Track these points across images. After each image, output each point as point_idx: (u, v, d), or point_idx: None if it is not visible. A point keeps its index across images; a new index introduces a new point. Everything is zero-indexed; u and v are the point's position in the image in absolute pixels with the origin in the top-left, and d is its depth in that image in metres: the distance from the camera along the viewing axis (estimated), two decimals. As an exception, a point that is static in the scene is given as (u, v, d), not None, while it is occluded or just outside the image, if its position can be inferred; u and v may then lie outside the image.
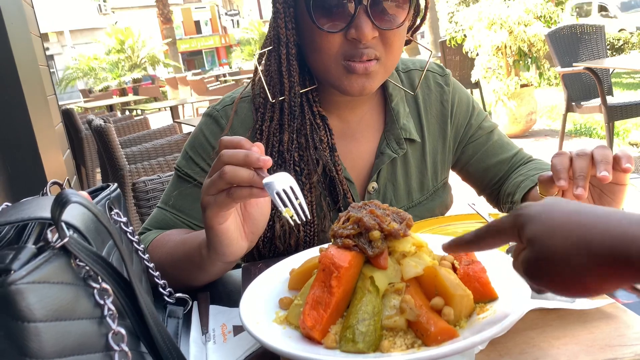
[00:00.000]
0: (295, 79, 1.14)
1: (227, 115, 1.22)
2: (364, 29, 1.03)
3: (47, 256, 0.50)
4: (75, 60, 26.05)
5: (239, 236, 0.93)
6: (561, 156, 0.92)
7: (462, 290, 0.68)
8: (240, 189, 0.83)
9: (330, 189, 1.20)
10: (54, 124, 2.59)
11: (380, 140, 1.26)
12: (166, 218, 1.19)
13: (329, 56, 1.08)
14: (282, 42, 1.13)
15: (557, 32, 5.24)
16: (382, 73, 1.12)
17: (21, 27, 2.26)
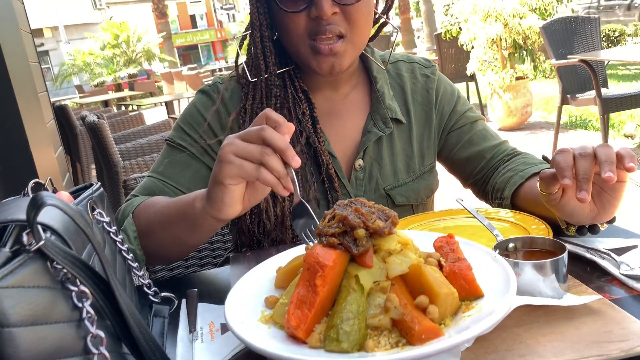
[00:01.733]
0: (270, 59, 1.22)
1: (219, 90, 1.29)
2: (323, 6, 1.09)
3: (22, 260, 0.49)
4: (70, 55, 25.92)
5: (239, 200, 0.95)
6: (565, 154, 0.91)
7: (447, 288, 0.67)
8: (269, 174, 0.86)
9: (314, 160, 1.24)
10: (45, 120, 2.57)
11: (367, 119, 1.30)
12: (154, 185, 1.22)
13: (296, 36, 1.15)
14: (255, 26, 1.21)
15: (551, 24, 5.23)
16: (351, 50, 1.17)
17: (10, 24, 2.24)
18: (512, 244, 0.87)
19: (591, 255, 0.94)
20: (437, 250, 0.78)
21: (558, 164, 0.91)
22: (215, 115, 1.27)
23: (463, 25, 6.91)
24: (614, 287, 0.86)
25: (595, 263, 0.92)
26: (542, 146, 5.80)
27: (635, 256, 0.92)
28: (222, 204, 0.93)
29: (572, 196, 0.93)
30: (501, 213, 1.15)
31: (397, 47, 20.09)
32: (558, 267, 0.79)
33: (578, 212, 0.96)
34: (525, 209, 1.16)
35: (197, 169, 1.23)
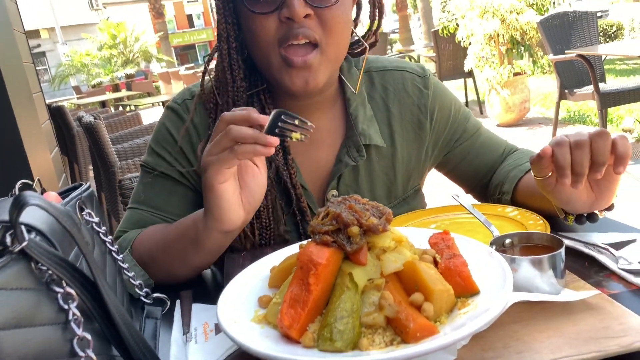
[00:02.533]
0: (238, 75, 1.12)
1: (188, 108, 1.20)
2: (295, 6, 1.00)
3: (5, 261, 0.48)
4: (68, 56, 25.89)
5: (237, 202, 0.92)
6: (562, 147, 0.89)
7: (442, 285, 0.66)
8: (243, 145, 0.84)
9: (285, 193, 1.17)
10: (40, 121, 2.56)
11: (341, 147, 1.21)
12: (142, 217, 1.16)
13: (266, 43, 1.05)
14: (222, 37, 1.12)
15: (549, 19, 5.22)
16: (326, 63, 1.08)
17: (3, 25, 2.23)
18: (508, 240, 0.86)
19: (589, 250, 0.93)
20: (432, 247, 0.77)
21: (557, 161, 0.89)
22: (186, 136, 1.18)
23: (460, 21, 6.90)
24: (612, 282, 0.85)
25: (593, 258, 0.91)
26: (541, 141, 5.78)
27: (633, 250, 0.91)
28: (220, 210, 0.91)
29: (568, 181, 0.92)
30: (498, 209, 1.14)
31: (395, 44, 20.07)
32: (555, 262, 0.78)
33: (575, 198, 0.95)
34: (524, 203, 1.14)
35: (183, 194, 1.18)
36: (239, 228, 0.98)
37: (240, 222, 0.95)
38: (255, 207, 0.97)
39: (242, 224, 0.97)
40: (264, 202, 1.14)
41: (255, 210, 0.98)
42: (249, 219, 0.98)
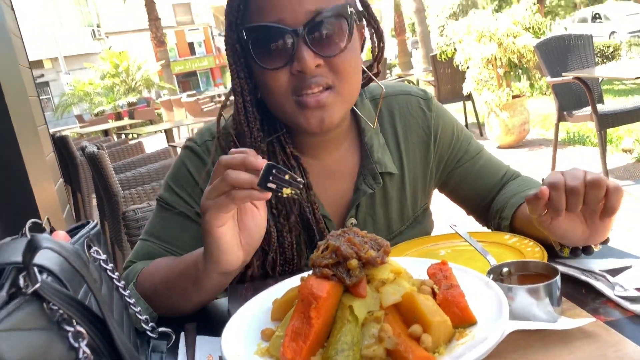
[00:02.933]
0: (254, 125, 1.15)
1: (208, 150, 1.22)
2: (306, 59, 1.04)
3: (19, 303, 0.50)
4: (70, 86, 26.17)
5: (235, 244, 0.94)
6: (557, 192, 0.92)
7: (440, 317, 0.68)
8: (240, 191, 0.86)
9: (308, 227, 1.19)
10: (44, 154, 2.60)
11: (357, 176, 1.25)
12: (151, 249, 1.19)
13: (280, 95, 1.09)
14: (237, 92, 1.15)
15: (545, 42, 5.29)
16: (340, 102, 1.11)
17: (9, 60, 2.28)
18: (505, 269, 0.88)
19: (586, 277, 0.94)
20: (430, 278, 0.79)
21: (552, 204, 0.93)
22: (207, 178, 1.18)
23: (458, 45, 6.99)
24: (609, 308, 0.86)
25: (590, 285, 0.93)
26: (542, 163, 5.82)
27: (629, 277, 0.93)
28: (219, 252, 0.92)
29: (563, 219, 0.94)
30: (496, 236, 1.15)
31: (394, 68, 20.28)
32: (551, 290, 0.80)
33: (570, 234, 0.97)
34: (523, 230, 1.16)
35: (195, 231, 1.19)
36: (238, 269, 0.99)
37: (239, 263, 0.96)
38: (255, 248, 0.99)
39: (241, 265, 0.98)
40: (289, 239, 1.16)
41: (254, 250, 0.99)
42: (247, 260, 0.99)
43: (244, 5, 1.10)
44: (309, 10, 1.04)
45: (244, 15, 1.10)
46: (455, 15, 17.92)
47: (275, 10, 1.05)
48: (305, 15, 1.04)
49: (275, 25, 1.05)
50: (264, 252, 1.16)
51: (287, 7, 1.04)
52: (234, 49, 1.13)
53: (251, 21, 1.09)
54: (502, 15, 6.79)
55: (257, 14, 1.08)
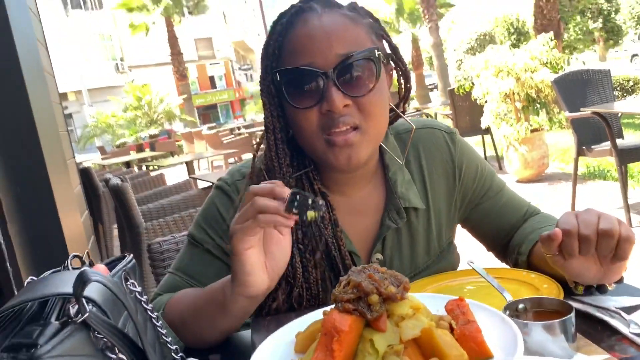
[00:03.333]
0: (284, 162, 1.20)
1: (238, 190, 1.27)
2: (335, 99, 1.09)
3: (69, 331, 0.55)
4: (93, 118, 26.77)
5: (261, 268, 0.99)
6: (570, 238, 0.95)
7: (457, 351, 0.71)
8: (266, 215, 0.92)
9: (333, 264, 1.23)
10: (72, 186, 2.68)
11: (383, 211, 1.28)
12: (177, 283, 1.24)
13: (311, 132, 1.15)
14: (269, 130, 1.21)
15: (563, 77, 5.32)
16: (367, 141, 1.16)
17: (43, 98, 2.38)
18: (521, 305, 0.90)
19: (601, 314, 0.96)
20: (448, 313, 0.82)
21: (564, 248, 0.96)
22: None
23: (475, 80, 7.05)
24: (624, 345, 0.87)
25: (605, 322, 0.94)
26: (562, 197, 5.78)
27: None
28: (245, 275, 0.97)
29: (576, 260, 0.97)
30: (513, 273, 1.18)
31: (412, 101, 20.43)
32: (566, 327, 0.82)
33: (584, 274, 1.00)
34: (539, 266, 1.18)
35: (219, 267, 1.24)
36: (263, 294, 1.03)
37: (264, 288, 1.01)
38: (279, 274, 1.03)
39: (266, 290, 1.03)
40: (314, 275, 1.19)
41: (279, 277, 1.04)
42: (272, 286, 1.04)
43: (278, 50, 1.17)
44: (339, 54, 1.11)
45: (278, 59, 1.18)
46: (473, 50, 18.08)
47: (307, 54, 1.12)
48: (335, 58, 1.11)
49: (306, 67, 1.12)
50: (289, 285, 1.19)
51: (318, 51, 1.11)
52: (268, 89, 1.20)
53: (285, 64, 1.16)
54: (519, 50, 6.85)
55: (290, 57, 1.15)
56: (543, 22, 12.30)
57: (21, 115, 2.07)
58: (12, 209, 2.02)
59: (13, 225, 1.98)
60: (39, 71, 2.38)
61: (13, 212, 2.02)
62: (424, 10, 19.11)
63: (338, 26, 1.14)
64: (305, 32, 1.13)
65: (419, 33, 24.55)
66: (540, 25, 12.29)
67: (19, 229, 2.04)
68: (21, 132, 2.09)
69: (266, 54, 1.19)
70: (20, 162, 2.10)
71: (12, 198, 2.04)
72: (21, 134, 2.09)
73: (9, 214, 1.98)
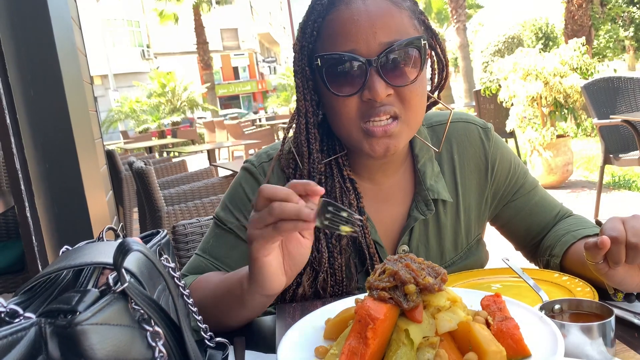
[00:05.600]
0: (314, 146, 1.18)
1: (264, 171, 1.26)
2: (377, 88, 1.07)
3: (109, 300, 0.54)
4: (118, 102, 27.04)
5: (279, 271, 0.96)
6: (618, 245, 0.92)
7: (495, 346, 0.69)
8: (286, 223, 0.87)
9: (359, 251, 1.21)
10: (99, 166, 2.70)
11: (411, 202, 1.26)
12: (202, 265, 1.23)
13: (348, 120, 1.12)
14: (301, 113, 1.18)
15: (593, 84, 5.23)
16: (406, 132, 1.14)
17: (75, 75, 2.40)
18: (557, 306, 0.88)
19: (639, 321, 0.93)
20: (484, 309, 0.80)
21: (611, 256, 0.94)
22: None
23: (503, 82, 6.97)
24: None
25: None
26: (585, 206, 5.69)
27: (684, 323, 0.91)
28: (263, 279, 0.95)
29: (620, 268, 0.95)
30: (545, 274, 1.15)
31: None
32: (605, 330, 0.80)
33: (627, 281, 0.97)
34: (573, 269, 1.15)
35: (243, 251, 1.21)
36: (280, 291, 1.01)
37: (282, 286, 0.99)
38: (297, 272, 1.01)
39: (283, 287, 1.00)
40: (339, 261, 1.18)
41: (296, 275, 1.01)
42: (289, 283, 1.01)
43: (317, 31, 1.14)
44: (383, 42, 1.08)
45: (316, 40, 1.15)
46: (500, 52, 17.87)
47: (350, 40, 1.09)
48: (379, 46, 1.08)
49: (349, 54, 1.08)
50: (314, 271, 1.18)
51: (361, 38, 1.08)
52: (303, 71, 1.17)
53: (325, 47, 1.13)
54: (549, 54, 6.75)
55: (330, 41, 1.11)
56: (574, 28, 12.09)
57: (53, 91, 2.09)
58: (40, 184, 2.04)
59: (40, 201, 2.00)
60: (72, 49, 2.40)
61: (41, 188, 2.04)
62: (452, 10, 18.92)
63: (383, 11, 1.10)
64: (348, 16, 1.09)
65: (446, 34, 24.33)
66: (570, 30, 12.09)
67: (46, 205, 2.05)
68: (52, 109, 2.11)
69: (303, 34, 1.16)
70: (50, 139, 2.12)
71: (40, 174, 2.06)
72: (52, 111, 2.11)
73: (37, 190, 2.00)
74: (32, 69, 2.07)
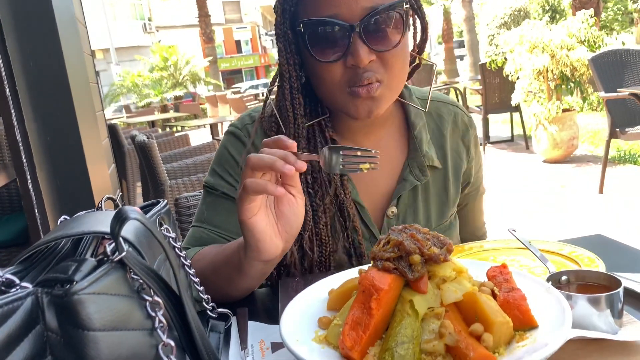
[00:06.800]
0: (299, 112, 1.18)
1: (248, 133, 1.26)
2: (360, 54, 1.06)
3: (106, 269, 0.52)
4: (120, 76, 26.89)
5: (272, 233, 0.95)
6: None
7: (502, 317, 0.68)
8: (254, 182, 0.87)
9: (341, 210, 1.22)
10: (101, 139, 2.68)
11: (403, 167, 1.28)
12: (203, 235, 1.22)
13: (333, 85, 1.12)
14: (284, 77, 1.17)
15: (600, 56, 5.16)
16: (388, 95, 1.14)
17: (75, 47, 2.36)
18: (564, 277, 0.87)
19: (646, 292, 0.92)
20: (490, 280, 0.78)
21: None
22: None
23: (509, 55, 6.87)
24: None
25: (650, 300, 0.91)
26: (589, 180, 5.67)
27: (692, 295, 0.90)
28: (255, 241, 0.94)
29: None
30: (553, 245, 1.14)
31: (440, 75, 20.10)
32: (613, 301, 0.79)
33: None
34: None
35: None
36: (279, 256, 1.00)
37: (279, 251, 0.98)
38: (294, 235, 0.99)
39: (281, 253, 0.99)
40: (324, 219, 1.19)
41: (294, 238, 1.00)
42: (288, 247, 1.00)
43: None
44: (366, 7, 1.06)
45: (297, 4, 1.13)
46: (507, 25, 17.61)
47: (332, 4, 1.07)
48: (362, 11, 1.06)
49: (332, 20, 1.07)
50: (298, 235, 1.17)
51: (343, 2, 1.06)
52: (285, 35, 1.15)
53: (306, 11, 1.11)
54: (556, 26, 6.64)
55: (312, 4, 1.09)
56: (582, 0, 11.89)
57: (53, 62, 2.06)
58: (41, 157, 2.02)
59: (42, 173, 1.98)
60: (71, 19, 2.36)
61: (42, 160, 2.03)
62: (458, -19, 18.62)
63: None
64: None
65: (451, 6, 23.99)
66: (578, 2, 11.89)
67: (48, 177, 2.04)
68: (53, 81, 2.08)
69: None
70: (51, 111, 2.10)
71: (42, 146, 2.04)
72: (52, 83, 2.08)
73: (38, 162, 1.98)
74: (32, 40, 2.04)
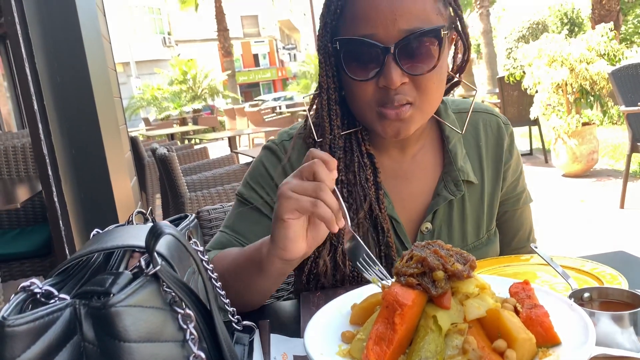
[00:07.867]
0: (335, 122, 1.20)
1: (285, 149, 1.29)
2: (393, 76, 1.07)
3: (141, 282, 0.54)
4: (140, 90, 27.27)
5: (301, 236, 0.97)
6: None
7: (525, 334, 0.69)
8: (327, 210, 0.91)
9: (376, 226, 1.23)
10: (124, 152, 2.73)
11: (438, 182, 1.28)
12: (225, 240, 1.25)
13: (363, 103, 1.14)
14: (323, 88, 1.20)
15: (621, 70, 5.13)
16: (418, 117, 1.15)
17: (100, 62, 2.42)
18: (587, 294, 0.87)
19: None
20: (512, 296, 0.79)
21: None
22: (282, 174, 1.25)
23: (527, 69, 6.85)
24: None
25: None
26: (610, 195, 5.60)
27: None
28: (285, 240, 0.96)
29: None
30: (575, 262, 1.14)
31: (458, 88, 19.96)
32: (637, 319, 0.78)
33: None
34: None
35: (266, 225, 1.21)
36: (299, 259, 1.03)
37: (300, 254, 1.00)
38: (318, 243, 1.02)
39: (302, 256, 1.02)
40: (358, 234, 1.18)
41: (317, 245, 1.03)
42: (309, 253, 1.03)
43: (340, 9, 1.14)
44: (403, 29, 1.06)
45: (338, 19, 1.15)
46: (525, 38, 17.54)
47: (370, 24, 1.08)
48: (399, 33, 1.06)
49: (367, 40, 1.08)
50: (332, 246, 1.20)
51: (381, 23, 1.07)
52: (326, 48, 1.18)
53: (345, 28, 1.13)
54: (575, 40, 6.61)
55: (351, 22, 1.11)
56: (601, 13, 11.80)
57: (79, 78, 2.11)
58: (66, 170, 2.07)
59: (67, 186, 2.03)
60: (97, 36, 2.42)
61: (67, 173, 2.07)
62: (476, -5, 18.62)
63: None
64: (370, 0, 1.09)
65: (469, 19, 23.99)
66: (598, 15, 11.81)
67: (72, 190, 2.09)
68: (78, 96, 2.13)
69: (327, 10, 1.16)
70: (77, 125, 2.15)
71: (67, 159, 2.09)
72: (78, 97, 2.13)
73: (63, 175, 2.03)
74: (59, 57, 2.10)
